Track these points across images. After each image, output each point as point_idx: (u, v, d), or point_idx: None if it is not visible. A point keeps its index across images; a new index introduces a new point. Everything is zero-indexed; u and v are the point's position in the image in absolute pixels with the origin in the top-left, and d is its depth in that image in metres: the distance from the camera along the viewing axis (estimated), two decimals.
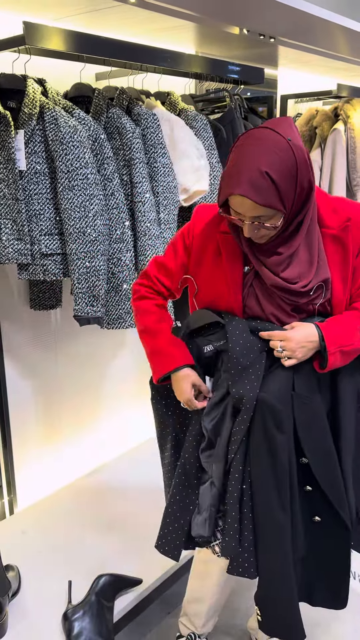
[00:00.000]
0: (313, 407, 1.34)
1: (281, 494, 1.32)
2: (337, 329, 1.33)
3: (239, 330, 1.36)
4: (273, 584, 1.36)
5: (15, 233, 1.81)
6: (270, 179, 1.17)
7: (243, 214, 1.23)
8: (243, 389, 1.33)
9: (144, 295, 1.51)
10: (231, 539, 1.34)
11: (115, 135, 1.93)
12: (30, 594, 1.80)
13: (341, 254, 1.33)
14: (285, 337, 1.31)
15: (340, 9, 3.08)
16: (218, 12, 1.89)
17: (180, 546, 1.47)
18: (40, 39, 1.63)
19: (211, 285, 1.40)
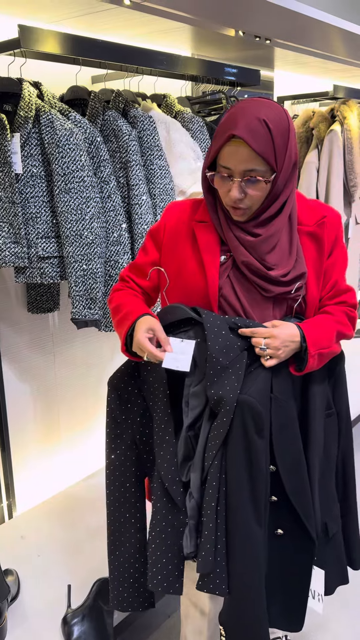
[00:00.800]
0: (288, 411, 1.28)
1: (257, 506, 1.25)
2: (316, 330, 1.29)
3: (218, 327, 1.26)
4: (244, 603, 1.26)
5: (11, 236, 1.80)
6: (268, 128, 1.16)
7: (234, 167, 1.18)
8: (223, 390, 1.23)
9: (117, 289, 1.47)
10: (208, 553, 1.23)
11: (111, 137, 1.92)
12: (30, 598, 1.80)
13: (316, 251, 1.32)
14: (270, 334, 1.24)
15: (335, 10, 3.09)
16: (214, 14, 1.89)
17: (180, 576, 1.33)
18: (36, 42, 1.63)
19: (185, 276, 1.33)
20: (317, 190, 2.91)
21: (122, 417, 1.40)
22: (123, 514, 1.43)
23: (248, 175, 1.19)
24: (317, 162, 2.89)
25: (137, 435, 1.41)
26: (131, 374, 1.39)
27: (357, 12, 3.43)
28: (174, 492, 1.30)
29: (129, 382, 1.39)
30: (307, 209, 1.34)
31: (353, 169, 2.92)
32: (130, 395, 1.40)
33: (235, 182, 1.20)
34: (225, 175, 1.21)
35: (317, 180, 2.90)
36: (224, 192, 1.24)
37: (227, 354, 1.25)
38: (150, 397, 1.36)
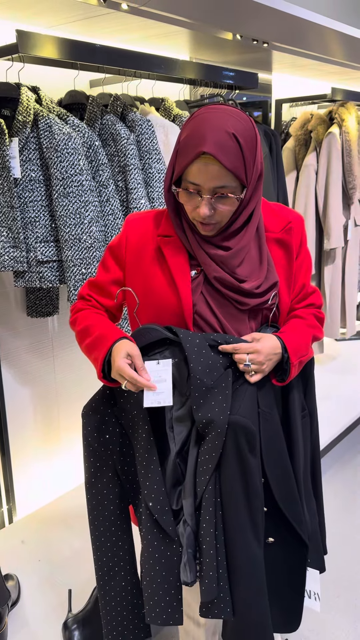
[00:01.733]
0: (273, 422, 1.26)
1: (255, 524, 1.22)
2: (295, 339, 1.26)
3: (197, 346, 1.19)
4: (249, 624, 1.24)
5: (10, 241, 1.80)
6: (238, 142, 1.11)
7: (202, 184, 1.12)
8: (211, 413, 1.17)
9: (80, 309, 1.38)
10: (211, 580, 1.20)
11: (109, 141, 1.93)
12: (30, 603, 1.79)
13: (285, 258, 1.29)
14: (254, 349, 1.20)
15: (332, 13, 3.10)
16: (211, 18, 1.90)
17: (180, 605, 1.27)
18: (34, 47, 1.63)
19: (155, 295, 1.26)
20: (315, 193, 2.91)
21: (102, 449, 1.32)
22: (110, 548, 1.37)
23: (218, 192, 1.14)
24: (316, 164, 2.89)
25: (118, 466, 1.34)
26: (106, 402, 1.31)
27: (354, 14, 3.44)
28: (165, 522, 1.24)
29: (105, 411, 1.31)
30: (271, 215, 1.30)
31: (351, 171, 2.92)
32: (108, 425, 1.32)
33: (204, 199, 1.14)
34: (192, 191, 1.15)
35: (315, 183, 2.90)
36: (190, 208, 1.19)
37: (211, 373, 1.20)
38: (129, 424, 1.30)
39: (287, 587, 1.34)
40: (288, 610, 1.35)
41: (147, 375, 1.20)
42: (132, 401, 1.27)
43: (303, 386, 1.39)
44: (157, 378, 1.21)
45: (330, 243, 2.93)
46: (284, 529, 1.30)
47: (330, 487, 2.72)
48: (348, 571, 2.20)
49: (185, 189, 1.16)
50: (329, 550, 1.94)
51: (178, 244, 1.26)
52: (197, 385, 1.19)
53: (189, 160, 1.12)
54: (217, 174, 1.11)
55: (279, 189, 2.65)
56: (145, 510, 1.26)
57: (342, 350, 3.86)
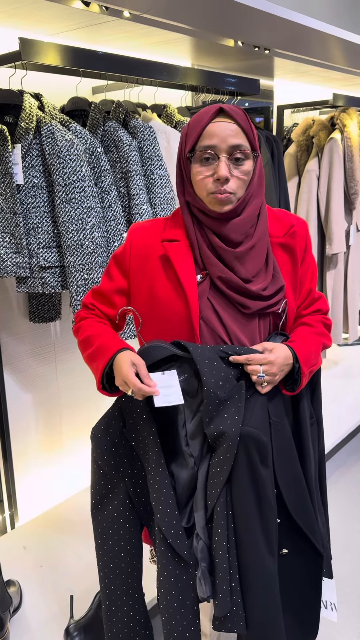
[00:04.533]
0: (284, 432, 1.25)
1: (268, 537, 1.20)
2: (305, 349, 1.25)
3: (209, 359, 1.17)
4: (263, 638, 1.22)
5: (13, 246, 1.81)
6: (244, 112, 1.18)
7: (220, 143, 1.14)
8: (223, 425, 1.16)
9: (83, 317, 1.38)
10: (224, 594, 1.19)
11: (112, 148, 1.94)
12: (32, 609, 1.79)
13: (290, 263, 1.29)
14: (268, 361, 1.19)
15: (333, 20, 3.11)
16: (213, 25, 1.91)
17: (198, 629, 1.25)
18: (36, 55, 1.64)
19: (160, 301, 1.25)
20: (317, 198, 2.92)
21: (112, 471, 1.29)
22: (119, 575, 1.33)
23: (236, 151, 1.15)
24: (318, 170, 2.90)
25: (130, 489, 1.31)
26: (116, 424, 1.29)
27: (356, 21, 3.45)
28: (179, 546, 1.22)
29: (114, 433, 1.28)
30: (274, 220, 1.31)
31: (353, 176, 2.93)
32: (118, 447, 1.29)
33: (222, 159, 1.14)
34: (208, 155, 1.15)
35: (317, 188, 2.91)
36: (205, 180, 1.17)
37: (224, 386, 1.18)
38: (139, 445, 1.28)
39: (303, 598, 1.33)
40: (305, 621, 1.33)
41: (152, 382, 1.18)
42: (142, 422, 1.25)
43: (310, 393, 1.38)
44: (165, 384, 1.19)
45: (332, 248, 2.93)
46: (298, 539, 1.28)
47: (334, 491, 2.72)
48: (352, 576, 2.19)
49: (201, 156, 1.17)
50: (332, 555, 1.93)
51: (184, 247, 1.25)
52: (210, 399, 1.17)
53: (205, 122, 1.15)
54: (234, 131, 1.15)
55: (280, 195, 2.66)
56: (159, 534, 1.24)
57: (345, 355, 3.86)
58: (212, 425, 1.17)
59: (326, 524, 1.46)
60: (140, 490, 1.32)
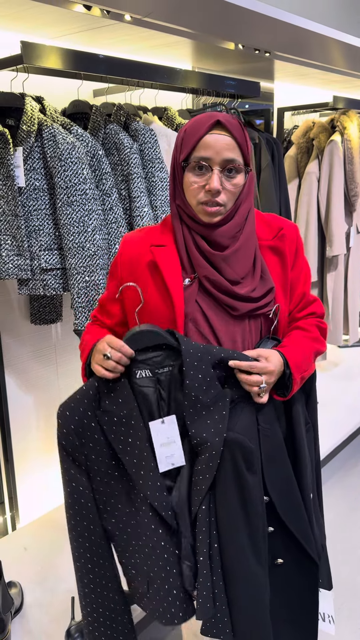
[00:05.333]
0: (274, 438, 1.23)
1: (255, 544, 1.19)
2: (297, 355, 1.25)
3: (198, 360, 1.13)
4: None
5: (15, 249, 1.82)
6: (239, 121, 1.19)
7: (214, 156, 1.16)
8: (206, 432, 1.14)
9: (87, 328, 1.41)
10: (205, 600, 1.17)
11: (113, 150, 1.94)
12: (33, 610, 1.79)
13: (280, 265, 1.29)
14: (269, 371, 1.18)
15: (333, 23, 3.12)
16: (213, 28, 1.91)
17: (191, 600, 1.24)
18: (38, 58, 1.65)
19: (147, 306, 1.25)
20: (318, 200, 2.93)
21: (76, 454, 1.22)
22: (94, 570, 1.28)
23: (229, 164, 1.17)
24: (318, 172, 2.90)
25: (90, 479, 1.24)
26: (88, 403, 1.21)
27: (356, 24, 3.46)
28: (169, 517, 1.20)
29: (85, 413, 1.21)
30: (263, 224, 1.32)
31: (353, 178, 2.93)
32: (87, 429, 1.21)
33: (215, 171, 1.16)
34: (202, 166, 1.17)
35: (317, 191, 2.92)
36: (197, 189, 1.19)
37: (208, 390, 1.15)
38: (112, 428, 1.20)
39: (300, 609, 1.31)
40: (302, 633, 1.32)
41: (128, 349, 1.16)
42: (121, 400, 1.19)
43: (305, 398, 1.37)
44: (165, 440, 1.19)
45: (333, 250, 2.94)
46: (293, 548, 1.27)
47: (332, 495, 2.72)
48: (350, 582, 2.19)
49: (194, 166, 1.18)
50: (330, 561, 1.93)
51: (171, 252, 1.26)
52: (191, 402, 1.16)
53: (202, 133, 1.16)
54: (229, 145, 1.16)
55: (281, 197, 2.66)
56: (142, 506, 1.20)
57: (345, 357, 3.86)
58: (195, 430, 1.16)
59: (322, 532, 1.44)
60: (100, 487, 1.25)
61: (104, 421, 1.20)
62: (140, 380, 1.20)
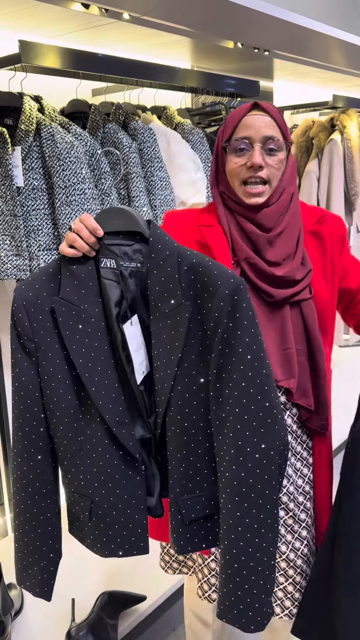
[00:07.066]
0: None
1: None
2: None
3: (164, 259, 1.03)
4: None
5: (13, 249, 1.81)
6: (276, 108, 1.24)
7: (255, 134, 1.20)
8: (162, 347, 1.05)
9: None
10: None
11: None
12: (33, 612, 1.78)
13: (320, 249, 1.31)
14: None
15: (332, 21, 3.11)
16: (212, 27, 1.91)
17: (146, 531, 1.15)
18: (36, 57, 1.64)
19: None
20: (317, 199, 2.92)
21: (26, 337, 1.06)
22: (33, 475, 1.13)
23: (269, 141, 1.21)
24: (318, 171, 2.90)
25: (45, 375, 1.08)
26: (47, 284, 1.06)
27: (355, 22, 3.45)
28: (124, 436, 1.08)
29: (40, 292, 1.06)
30: (306, 212, 1.34)
31: (353, 177, 2.93)
32: (38, 312, 1.06)
33: (256, 147, 1.20)
34: (243, 145, 1.22)
35: (317, 190, 2.91)
36: (239, 167, 1.22)
37: (167, 300, 1.02)
38: (69, 323, 1.05)
39: None
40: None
41: (100, 231, 1.04)
42: (84, 291, 1.05)
43: None
44: (136, 345, 1.07)
45: None
46: None
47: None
48: None
49: (236, 146, 1.22)
50: None
51: (219, 232, 1.28)
52: (152, 308, 1.04)
53: (241, 114, 1.22)
54: (268, 123, 1.21)
55: None
56: (101, 426, 1.08)
57: (346, 356, 3.85)
58: (154, 341, 1.05)
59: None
60: (47, 388, 1.09)
61: (60, 311, 1.05)
62: (104, 271, 1.05)
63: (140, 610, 1.79)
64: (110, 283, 1.05)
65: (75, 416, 1.10)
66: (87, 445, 1.11)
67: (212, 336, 1.03)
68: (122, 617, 1.75)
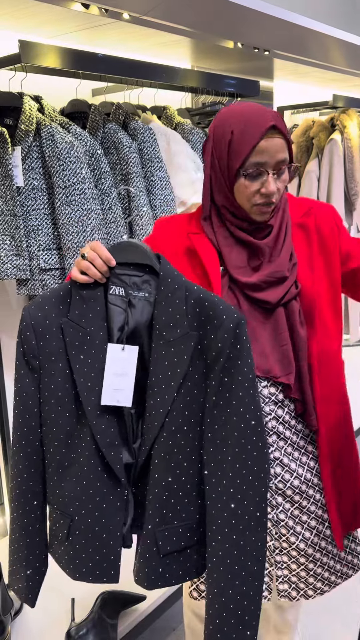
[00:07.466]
0: None
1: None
2: None
3: (173, 292, 1.09)
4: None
5: (13, 249, 1.81)
6: (282, 117, 1.21)
7: (270, 160, 1.16)
8: (162, 374, 1.10)
9: None
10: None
11: (112, 150, 1.94)
12: (33, 612, 1.79)
13: (305, 241, 1.29)
14: None
15: (332, 21, 3.11)
16: (212, 27, 1.91)
17: (118, 560, 1.15)
18: (36, 57, 1.64)
19: None
20: (317, 199, 2.92)
21: (31, 354, 1.12)
22: (27, 486, 1.16)
23: (281, 166, 1.18)
24: (318, 171, 2.90)
25: (45, 392, 1.13)
26: (56, 305, 1.12)
27: (355, 22, 3.45)
28: (113, 458, 1.10)
29: (49, 313, 1.11)
30: (294, 205, 1.33)
31: (353, 177, 2.93)
32: (46, 332, 1.11)
33: (270, 175, 1.17)
34: (257, 172, 1.17)
35: (317, 190, 2.91)
36: (252, 192, 1.19)
37: (174, 329, 1.08)
38: (75, 343, 1.10)
39: None
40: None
41: (113, 261, 1.10)
42: (92, 315, 1.10)
43: None
44: (120, 371, 1.09)
45: None
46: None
47: None
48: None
49: (248, 174, 1.17)
50: None
51: (207, 240, 1.27)
52: (155, 336, 1.09)
53: (257, 138, 1.14)
54: (281, 147, 1.17)
55: None
56: (91, 445, 1.10)
57: (345, 356, 3.85)
58: (153, 368, 1.09)
59: None
60: (46, 405, 1.14)
61: (68, 332, 1.10)
62: (112, 297, 1.11)
63: (140, 610, 1.79)
64: (115, 309, 1.12)
65: (69, 433, 1.13)
66: (75, 463, 1.13)
67: (212, 365, 1.09)
68: (122, 617, 1.75)
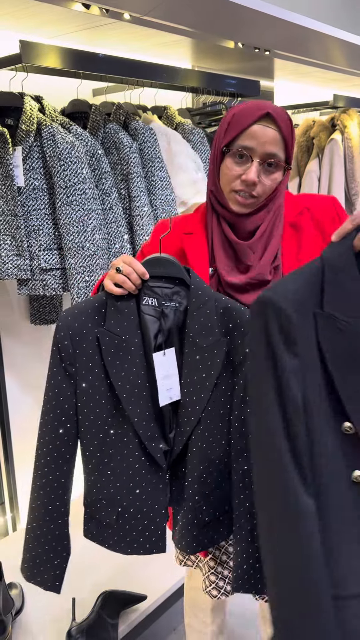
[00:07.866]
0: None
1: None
2: None
3: (204, 303, 1.17)
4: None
5: (14, 249, 1.81)
6: (289, 119, 1.17)
7: (257, 147, 1.13)
8: (197, 376, 1.20)
9: None
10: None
11: (112, 150, 1.94)
12: (34, 612, 1.79)
13: (295, 239, 1.27)
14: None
15: (333, 21, 3.11)
16: (213, 27, 1.91)
17: (164, 534, 1.29)
18: (37, 57, 1.64)
19: None
20: None
21: (68, 362, 1.20)
22: (50, 479, 1.37)
23: (270, 159, 1.15)
24: (318, 171, 2.89)
25: (84, 396, 1.23)
26: (91, 317, 1.19)
27: (355, 22, 3.45)
28: (154, 449, 1.22)
29: (85, 324, 1.18)
30: (290, 204, 1.30)
31: (354, 177, 2.93)
32: (85, 339, 1.19)
33: (254, 162, 1.14)
34: (243, 155, 1.15)
35: (318, 189, 2.91)
36: (233, 176, 1.17)
37: (207, 336, 1.17)
38: (111, 351, 1.18)
39: None
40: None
41: (147, 274, 1.18)
42: (126, 324, 1.19)
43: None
44: (166, 373, 1.20)
45: None
46: None
47: None
48: None
49: (235, 152, 1.16)
50: None
51: (200, 240, 1.26)
52: (189, 343, 1.19)
53: (249, 121, 1.13)
54: (273, 139, 1.14)
55: None
56: (134, 439, 1.22)
57: None
58: (187, 371, 1.19)
59: None
60: (84, 408, 1.24)
61: (104, 341, 1.18)
62: (145, 307, 1.20)
63: (141, 610, 1.79)
64: (149, 318, 1.21)
65: (107, 432, 1.26)
66: (117, 457, 1.26)
67: (239, 366, 1.20)
68: (122, 617, 1.76)
